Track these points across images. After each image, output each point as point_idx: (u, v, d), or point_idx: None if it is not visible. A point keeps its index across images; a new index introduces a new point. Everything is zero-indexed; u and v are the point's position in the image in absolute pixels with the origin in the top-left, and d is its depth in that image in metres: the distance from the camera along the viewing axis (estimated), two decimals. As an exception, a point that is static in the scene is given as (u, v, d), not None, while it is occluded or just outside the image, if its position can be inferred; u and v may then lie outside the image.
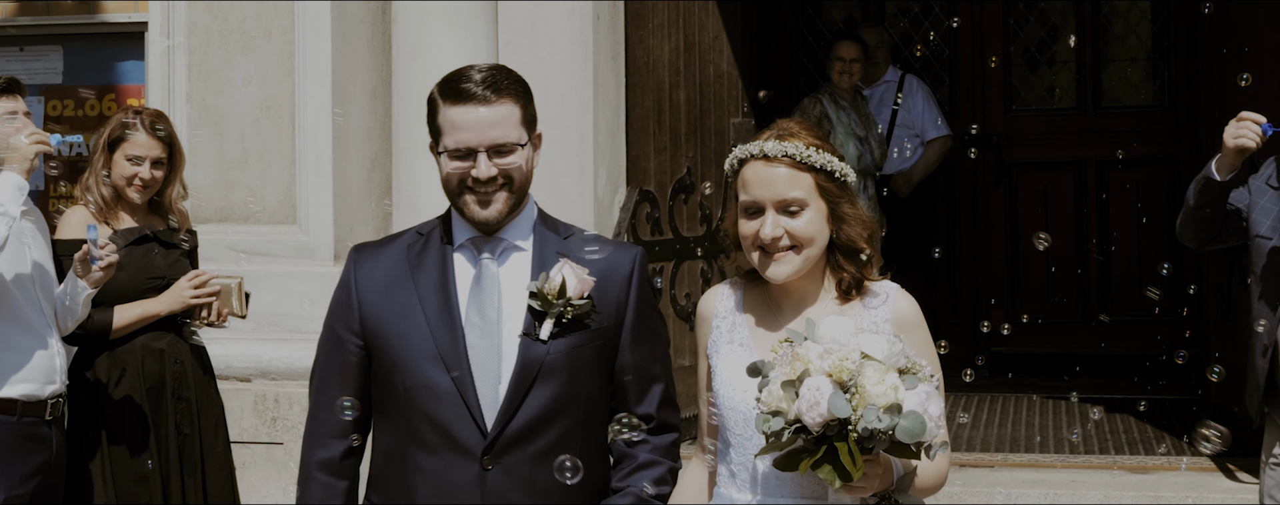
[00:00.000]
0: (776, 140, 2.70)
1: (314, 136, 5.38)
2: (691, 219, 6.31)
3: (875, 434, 2.44)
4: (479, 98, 2.74)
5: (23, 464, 4.06)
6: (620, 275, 2.83)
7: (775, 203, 2.67)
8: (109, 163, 4.44)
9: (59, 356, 4.17)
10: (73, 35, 5.60)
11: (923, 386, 2.47)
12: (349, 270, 2.88)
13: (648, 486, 2.82)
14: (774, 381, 2.50)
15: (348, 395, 2.86)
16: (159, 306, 4.43)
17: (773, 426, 2.47)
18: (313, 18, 5.36)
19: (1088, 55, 8.17)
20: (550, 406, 2.77)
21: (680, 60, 6.28)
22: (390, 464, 2.85)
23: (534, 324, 2.77)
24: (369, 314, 2.83)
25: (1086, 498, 5.43)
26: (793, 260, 2.68)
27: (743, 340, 2.76)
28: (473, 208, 2.78)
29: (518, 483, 2.75)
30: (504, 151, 2.75)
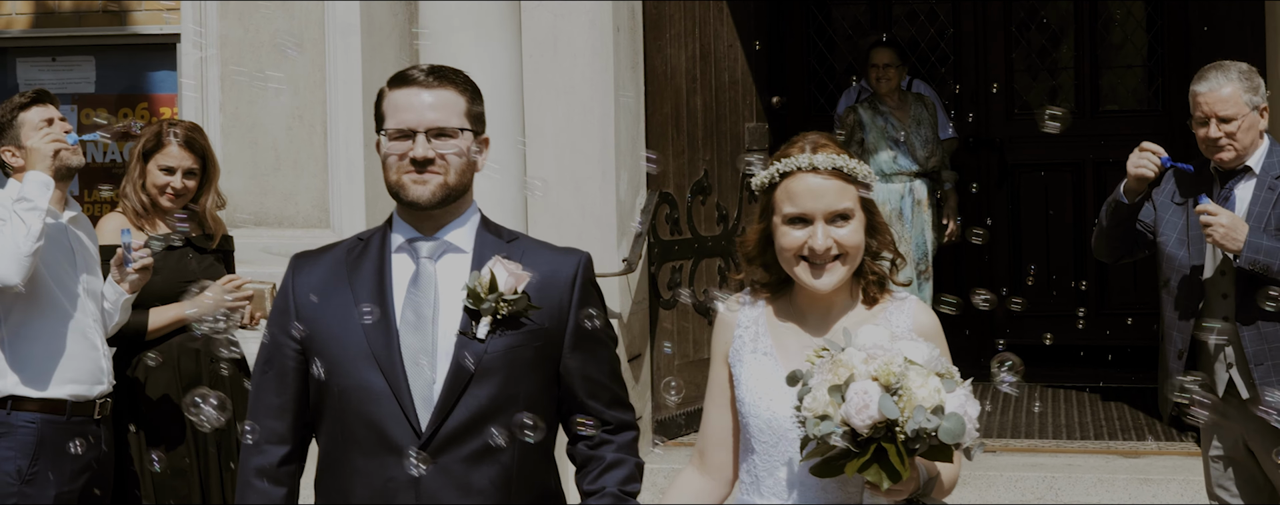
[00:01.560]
0: (821, 153, 2.72)
1: (345, 143, 5.48)
2: (708, 219, 6.47)
3: (921, 434, 2.48)
4: (421, 82, 2.76)
5: (72, 461, 4.16)
6: (563, 278, 2.80)
7: (825, 214, 2.70)
8: (144, 172, 4.55)
9: (105, 358, 4.28)
10: (104, 46, 5.70)
11: (961, 389, 2.52)
12: (287, 278, 2.85)
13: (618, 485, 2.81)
14: (817, 388, 2.53)
15: (288, 401, 2.82)
16: (193, 310, 4.50)
17: (824, 429, 2.49)
18: (343, 29, 5.47)
19: (1086, 62, 8.36)
20: (487, 406, 2.72)
21: (696, 68, 6.43)
22: (329, 467, 2.82)
23: (470, 323, 2.74)
24: (305, 317, 2.79)
25: (1081, 481, 5.64)
26: (839, 271, 2.71)
27: (767, 350, 2.77)
28: (408, 186, 2.73)
29: (452, 483, 2.72)
30: (443, 135, 2.74)
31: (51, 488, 4.12)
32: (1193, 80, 4.29)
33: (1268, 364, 4.12)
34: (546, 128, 5.77)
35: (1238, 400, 4.21)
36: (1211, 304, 4.23)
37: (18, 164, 4.23)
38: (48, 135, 4.15)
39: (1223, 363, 4.22)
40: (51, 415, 4.14)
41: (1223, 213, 4.09)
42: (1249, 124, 4.18)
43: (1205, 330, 4.20)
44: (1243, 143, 4.19)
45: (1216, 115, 4.17)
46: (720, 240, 6.53)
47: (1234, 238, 4.06)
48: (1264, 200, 4.18)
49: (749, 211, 6.79)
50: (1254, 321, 4.12)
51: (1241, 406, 4.20)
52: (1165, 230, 4.30)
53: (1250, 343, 4.14)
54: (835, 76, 8.45)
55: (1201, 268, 4.23)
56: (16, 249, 3.98)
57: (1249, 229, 4.09)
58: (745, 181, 6.81)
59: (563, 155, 5.73)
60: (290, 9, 5.52)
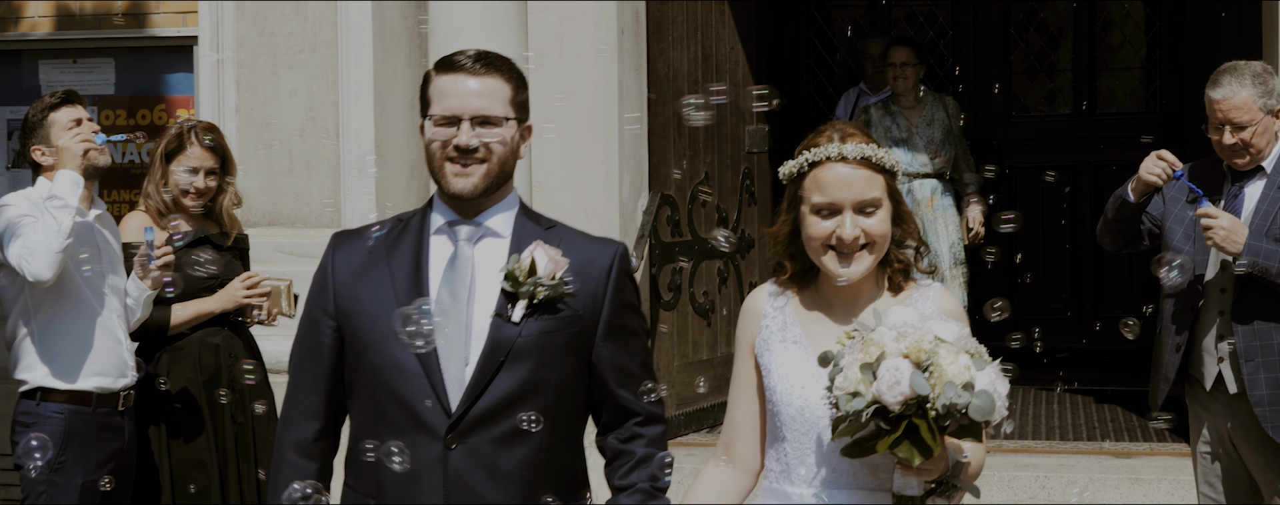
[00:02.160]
0: (849, 142, 2.71)
1: (357, 145, 5.58)
2: (708, 221, 6.54)
3: (952, 410, 2.47)
4: (468, 68, 2.73)
5: (98, 451, 4.32)
6: (599, 267, 2.79)
7: (854, 203, 2.69)
8: (166, 172, 4.66)
9: (129, 351, 4.43)
10: (123, 49, 5.82)
11: (990, 368, 2.53)
12: (327, 255, 2.85)
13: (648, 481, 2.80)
14: (849, 367, 2.53)
15: (322, 377, 2.82)
16: (214, 305, 4.65)
17: (855, 406, 2.50)
18: (355, 33, 5.56)
19: (1084, 64, 8.46)
20: (518, 389, 2.72)
21: (698, 71, 6.49)
22: (360, 445, 2.81)
23: (506, 305, 2.73)
24: (342, 295, 2.79)
25: (1074, 481, 5.69)
26: (866, 259, 2.71)
27: (795, 338, 2.77)
28: (450, 178, 2.74)
29: (480, 464, 2.71)
30: (488, 123, 2.73)
31: (78, 476, 4.27)
32: (1208, 84, 4.28)
33: (1257, 360, 4.20)
34: (552, 128, 5.86)
35: (1225, 395, 4.30)
36: (1210, 299, 4.30)
37: (47, 162, 4.37)
38: (78, 135, 4.28)
39: (1213, 356, 4.30)
40: (78, 406, 4.29)
41: (1223, 216, 4.13)
42: (1264, 128, 4.19)
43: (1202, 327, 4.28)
44: (1258, 146, 4.21)
45: (1231, 122, 4.17)
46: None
47: (1234, 240, 4.11)
48: (1272, 199, 4.22)
49: (749, 214, 6.89)
50: (1250, 319, 4.19)
51: (1228, 401, 4.30)
52: (1172, 224, 4.34)
53: (1243, 338, 4.20)
54: (834, 79, 8.55)
55: (1204, 263, 4.29)
56: (48, 245, 4.13)
57: (1249, 232, 4.14)
58: (745, 184, 6.91)
59: (567, 155, 5.80)
60: (304, 11, 5.62)
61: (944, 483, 2.63)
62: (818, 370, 2.65)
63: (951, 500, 2.63)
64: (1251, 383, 4.20)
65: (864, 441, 2.55)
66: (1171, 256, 4.21)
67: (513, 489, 2.71)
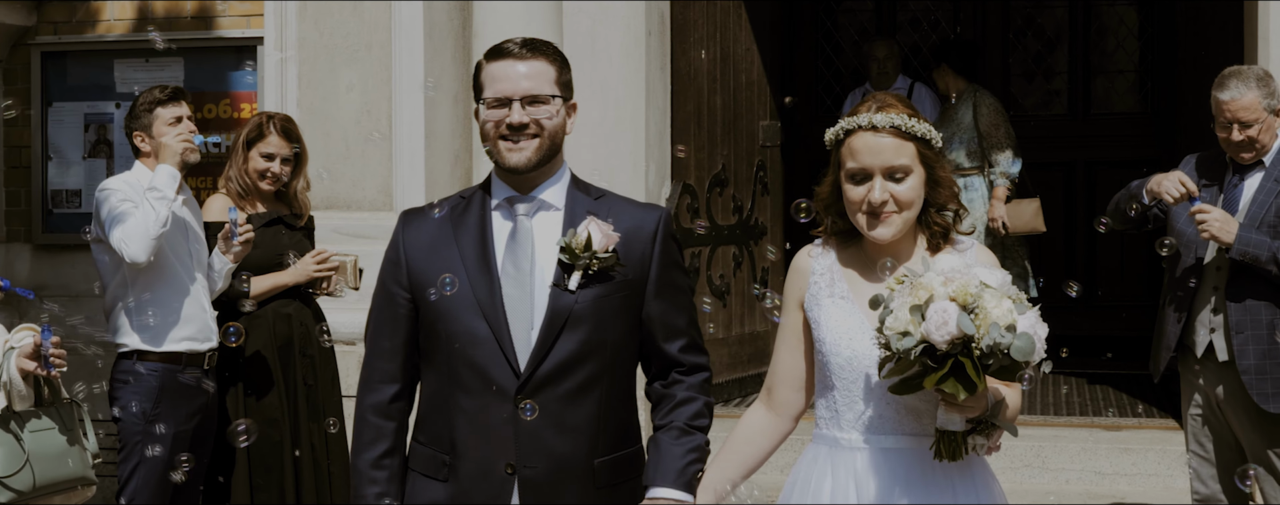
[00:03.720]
0: (882, 112, 2.79)
1: (409, 135, 5.85)
2: (725, 210, 6.88)
3: (995, 350, 2.55)
4: (516, 54, 2.87)
5: (187, 405, 4.72)
6: (646, 233, 2.92)
7: (883, 169, 2.77)
8: (246, 158, 5.04)
9: (211, 318, 4.83)
10: (192, 49, 6.15)
11: (1031, 312, 2.61)
12: (398, 232, 2.97)
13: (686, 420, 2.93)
14: (899, 309, 2.62)
15: (398, 345, 2.94)
16: (288, 278, 5.02)
17: (905, 344, 2.59)
18: (407, 33, 5.84)
19: (1079, 67, 8.79)
20: (578, 350, 2.85)
21: (717, 70, 6.83)
22: (434, 406, 2.93)
23: (563, 276, 2.85)
24: (415, 270, 2.91)
25: (1066, 450, 6.06)
26: (896, 222, 2.79)
27: (843, 294, 2.85)
28: (504, 153, 2.87)
29: (548, 420, 2.85)
30: (536, 102, 2.85)
31: (171, 427, 4.66)
32: (1214, 87, 4.58)
33: (1247, 333, 4.54)
34: (584, 121, 6.13)
35: (1215, 363, 4.65)
36: (1206, 279, 4.64)
37: (146, 148, 4.76)
38: (179, 134, 4.67)
39: (1206, 328, 4.64)
40: (170, 365, 4.68)
41: (1214, 210, 4.47)
42: (1267, 126, 4.52)
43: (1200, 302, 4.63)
44: (1263, 142, 4.53)
45: (1239, 120, 4.48)
46: (735, 229, 6.94)
47: (1227, 231, 4.44)
48: (1268, 191, 4.54)
49: (762, 204, 7.22)
50: (1242, 297, 4.54)
51: (1218, 369, 4.65)
52: (1178, 211, 4.65)
53: (1234, 313, 4.54)
54: (842, 79, 8.87)
55: (1204, 245, 4.62)
56: (146, 232, 4.52)
57: (1240, 224, 4.46)
58: (759, 175, 7.20)
59: (598, 147, 6.08)
60: (361, 14, 5.91)
61: (984, 422, 2.72)
62: (863, 323, 2.76)
63: (990, 439, 2.74)
64: (1241, 353, 4.54)
65: (911, 380, 2.63)
66: (1168, 239, 4.61)
67: (579, 440, 2.86)
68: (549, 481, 2.86)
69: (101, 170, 6.32)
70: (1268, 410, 4.55)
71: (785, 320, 2.96)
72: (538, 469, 2.85)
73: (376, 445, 2.92)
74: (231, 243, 4.75)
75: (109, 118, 6.35)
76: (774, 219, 7.41)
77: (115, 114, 6.34)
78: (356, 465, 2.93)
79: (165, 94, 4.78)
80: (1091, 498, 5.78)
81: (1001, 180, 7.08)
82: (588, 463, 2.88)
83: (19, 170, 6.28)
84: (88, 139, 6.37)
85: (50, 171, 6.37)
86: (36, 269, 6.31)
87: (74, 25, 6.26)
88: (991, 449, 2.78)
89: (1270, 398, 4.54)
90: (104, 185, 4.74)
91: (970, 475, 2.81)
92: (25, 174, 6.33)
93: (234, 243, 4.75)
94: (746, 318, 7.07)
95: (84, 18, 6.25)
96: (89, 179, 6.36)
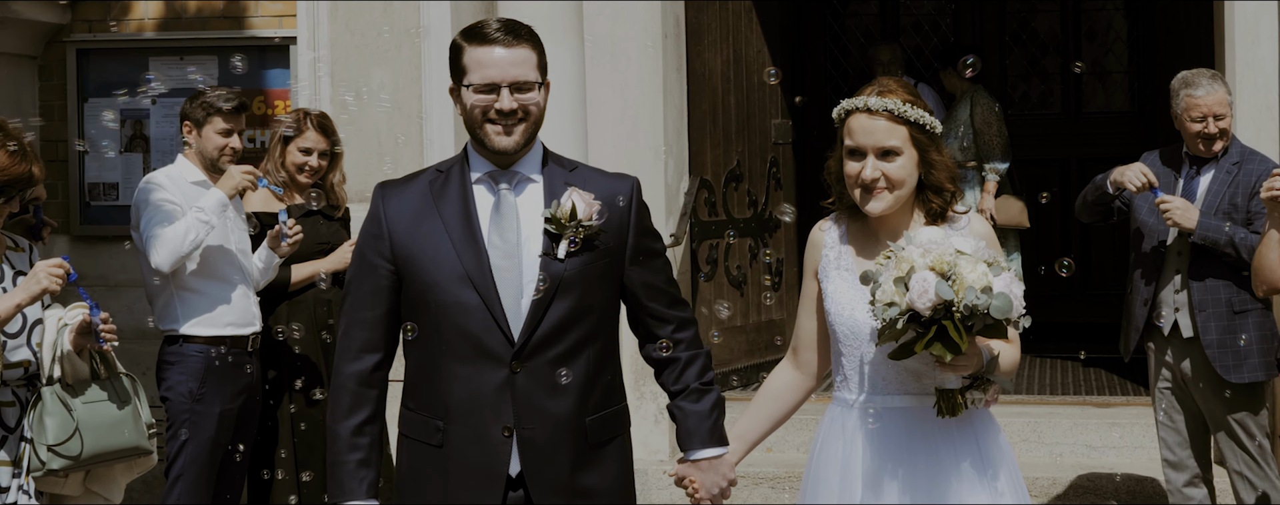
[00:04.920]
0: (878, 96, 2.93)
1: (438, 131, 5.99)
2: (740, 204, 7.08)
3: (974, 311, 2.71)
4: (501, 40, 2.91)
5: (233, 384, 4.90)
6: (621, 201, 3.01)
7: (875, 149, 2.92)
8: (284, 153, 5.21)
9: (255, 305, 5.01)
10: (226, 47, 6.27)
11: (1006, 274, 2.78)
12: (377, 204, 2.99)
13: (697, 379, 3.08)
14: (885, 282, 2.79)
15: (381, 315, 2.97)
16: (326, 266, 5.20)
17: (891, 314, 2.76)
18: (435, 34, 5.96)
19: (1072, 68, 8.88)
20: (568, 315, 2.94)
21: (730, 71, 7.02)
22: (424, 373, 2.98)
23: (551, 245, 2.93)
24: (400, 242, 2.94)
25: (1059, 425, 6.39)
26: (886, 198, 2.94)
27: (848, 266, 3.02)
28: (494, 137, 2.91)
29: (542, 383, 2.93)
30: (523, 88, 2.91)
31: (217, 406, 4.84)
32: (1184, 85, 4.93)
33: (1209, 311, 4.93)
34: (605, 120, 6.28)
35: (1180, 340, 5.02)
36: (1170, 262, 5.02)
37: (191, 141, 4.92)
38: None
39: (1171, 307, 5.02)
40: (215, 348, 4.85)
41: (1176, 199, 4.86)
42: (1230, 120, 4.95)
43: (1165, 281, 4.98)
44: (1230, 135, 4.93)
45: (1213, 114, 4.86)
46: (750, 222, 7.15)
47: (1189, 218, 4.83)
48: (1222, 181, 4.94)
49: (775, 198, 7.41)
50: (1203, 277, 4.93)
51: (1183, 345, 5.02)
52: (1140, 202, 5.04)
53: (1197, 292, 4.93)
54: (849, 79, 9.08)
55: (1166, 232, 5.01)
56: (178, 247, 4.67)
57: (1200, 211, 4.86)
58: (772, 171, 7.39)
59: (619, 144, 6.27)
60: (391, 15, 6.06)
61: (979, 378, 2.90)
62: (864, 296, 2.90)
63: (987, 393, 2.92)
64: (1204, 329, 4.92)
65: (905, 346, 2.81)
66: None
67: (571, 400, 2.96)
68: (546, 440, 2.95)
69: (138, 163, 6.47)
70: (1229, 380, 4.91)
71: (805, 288, 3.15)
72: (534, 429, 2.94)
73: (357, 412, 2.97)
74: (281, 243, 4.93)
75: (145, 113, 6.49)
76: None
77: (151, 110, 6.49)
78: (337, 431, 2.98)
79: (229, 105, 4.91)
80: (1082, 469, 6.09)
81: (991, 175, 7.30)
82: (580, 421, 2.97)
83: (56, 164, 6.44)
84: (124, 133, 6.51)
85: (87, 165, 6.51)
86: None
87: (107, 23, 6.39)
88: (989, 402, 2.94)
89: (1231, 369, 4.91)
90: (149, 179, 4.90)
91: (971, 429, 2.96)
92: (62, 167, 6.48)
93: (283, 244, 4.93)
94: (763, 307, 7.29)
95: (118, 15, 6.36)
96: (126, 172, 6.50)
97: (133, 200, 4.90)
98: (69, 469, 4.00)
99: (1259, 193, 4.75)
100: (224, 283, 4.93)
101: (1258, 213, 4.83)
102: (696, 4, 6.73)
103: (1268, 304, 4.98)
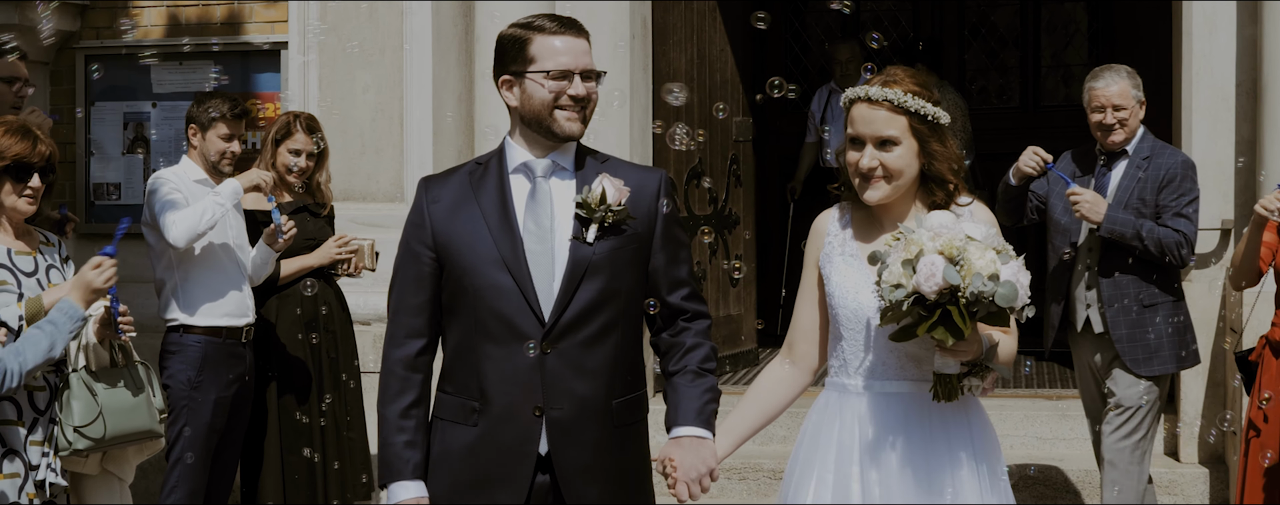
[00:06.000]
0: (881, 86, 2.91)
1: (418, 133, 6.24)
2: (701, 200, 7.31)
3: (980, 297, 2.68)
4: (575, 30, 3.00)
5: (228, 373, 5.19)
6: (650, 191, 3.05)
7: (873, 138, 2.90)
8: (274, 154, 5.48)
9: (249, 297, 5.30)
10: (221, 53, 6.54)
11: (1013, 262, 2.75)
12: (420, 196, 3.06)
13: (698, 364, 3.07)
14: (893, 263, 2.76)
15: (424, 301, 3.02)
16: (313, 260, 5.45)
17: (897, 295, 2.73)
18: (418, 39, 6.22)
19: (1030, 63, 9.26)
20: (596, 299, 2.98)
21: (694, 69, 7.24)
22: (460, 355, 3.03)
23: (581, 229, 2.97)
24: (439, 230, 3.00)
25: (1011, 417, 6.57)
26: (883, 187, 2.91)
27: (853, 252, 2.99)
28: (564, 123, 2.97)
29: (570, 364, 2.98)
30: (590, 76, 3.00)
31: (213, 393, 5.13)
32: (1090, 77, 5.02)
33: (1117, 306, 5.02)
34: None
35: (1092, 334, 5.13)
36: (1080, 258, 5.12)
37: (195, 142, 5.20)
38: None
39: (1083, 304, 5.13)
40: (211, 338, 5.15)
41: (1086, 192, 4.92)
42: (1132, 113, 4.99)
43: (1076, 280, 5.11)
44: (1130, 128, 5.00)
45: (1111, 105, 4.94)
46: (711, 218, 7.37)
47: (1096, 211, 4.90)
48: (1132, 177, 5.03)
49: (736, 194, 7.60)
50: (1112, 273, 5.04)
51: (1094, 340, 5.14)
52: (1054, 202, 5.14)
53: (1106, 288, 5.03)
54: (809, 76, 9.32)
55: (1078, 231, 5.11)
56: (194, 226, 4.96)
57: (1109, 205, 4.90)
58: (733, 168, 7.58)
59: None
60: (376, 22, 6.30)
61: (978, 365, 2.87)
62: (868, 278, 2.88)
63: (985, 380, 2.90)
64: (1114, 324, 5.01)
65: (908, 328, 2.77)
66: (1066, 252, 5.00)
67: (598, 382, 3.00)
68: (573, 421, 2.99)
69: (139, 164, 6.75)
70: (1139, 374, 5.04)
71: (804, 278, 3.12)
72: (563, 410, 2.99)
73: (403, 396, 3.03)
74: (277, 240, 5.22)
75: (146, 116, 6.76)
76: (746, 209, 7.80)
77: (152, 113, 6.76)
78: (385, 415, 3.04)
79: (232, 111, 5.20)
80: (1032, 460, 6.23)
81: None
82: (607, 403, 3.02)
83: (64, 165, 6.68)
84: (126, 136, 6.78)
85: (92, 166, 6.81)
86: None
87: (114, 30, 6.67)
88: (986, 390, 2.93)
89: (1141, 363, 5.03)
90: (158, 175, 5.19)
91: (966, 417, 2.96)
92: (70, 169, 6.74)
93: (279, 242, 5.22)
94: (722, 302, 7.50)
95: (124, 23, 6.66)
96: (128, 173, 6.79)
97: (145, 193, 5.15)
98: (91, 450, 4.27)
99: (1166, 185, 4.99)
100: (222, 276, 5.20)
101: (1166, 206, 4.98)
102: (663, 4, 6.89)
103: (1177, 297, 5.09)
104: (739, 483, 6.39)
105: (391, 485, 3.04)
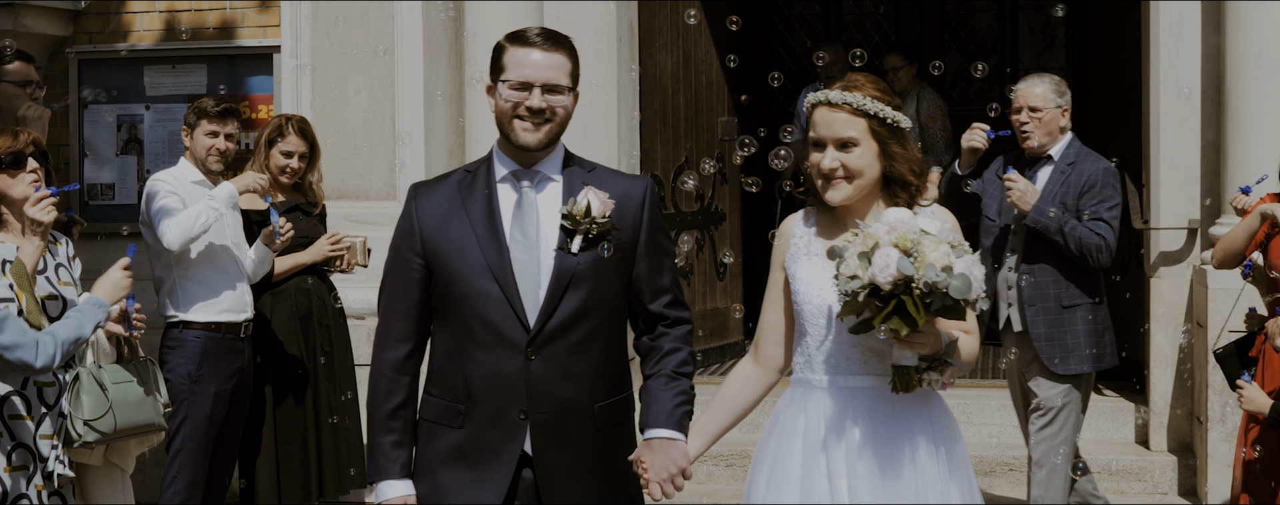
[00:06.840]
0: (841, 90, 2.98)
1: (409, 134, 6.33)
2: (687, 198, 7.41)
3: (934, 288, 2.72)
4: (541, 44, 3.04)
5: (227, 367, 5.28)
6: (635, 200, 3.11)
7: (834, 140, 2.96)
8: (267, 155, 5.57)
9: (247, 294, 5.40)
10: (214, 56, 6.62)
11: (968, 257, 2.80)
12: (410, 203, 3.11)
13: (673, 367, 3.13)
14: (850, 256, 2.81)
15: (412, 306, 3.07)
16: (307, 257, 5.55)
17: (853, 286, 2.78)
18: (409, 43, 6.33)
19: (1007, 67, 9.40)
20: (581, 307, 3.03)
21: (680, 72, 7.34)
22: (448, 360, 3.08)
23: (566, 240, 3.02)
24: (428, 237, 3.05)
25: (986, 407, 6.74)
26: (844, 188, 2.98)
27: (817, 251, 3.06)
28: (520, 133, 3.01)
29: (555, 369, 3.03)
30: (554, 91, 3.03)
31: (212, 386, 5.22)
32: (1018, 84, 5.17)
33: (1037, 305, 5.10)
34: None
35: (1013, 334, 5.21)
36: (1003, 262, 5.19)
37: (187, 144, 5.30)
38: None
39: (1005, 303, 5.21)
40: (211, 333, 5.24)
41: (1021, 180, 5.05)
42: (1051, 117, 5.09)
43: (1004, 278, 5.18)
44: (1045, 130, 5.11)
45: (1028, 106, 5.10)
46: (697, 215, 7.49)
47: (1027, 200, 5.01)
48: (1056, 181, 5.12)
49: (722, 193, 7.74)
50: (1034, 274, 5.09)
51: (1016, 338, 5.22)
52: (988, 201, 5.28)
53: (1027, 288, 5.12)
54: (794, 78, 9.44)
55: (1008, 228, 5.21)
56: (188, 229, 5.04)
57: (1039, 198, 5.03)
58: (719, 167, 7.79)
59: (574, 142, 6.14)
60: (368, 25, 6.40)
61: (937, 359, 2.93)
62: (831, 277, 2.93)
63: (944, 374, 2.95)
64: (1033, 323, 5.09)
65: (866, 321, 2.83)
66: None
67: (582, 386, 3.06)
68: (556, 424, 3.06)
69: (133, 165, 6.82)
70: (1058, 372, 5.11)
71: (771, 281, 3.18)
72: (547, 413, 3.05)
73: (392, 397, 3.10)
74: (275, 241, 5.33)
75: (139, 118, 6.83)
76: (732, 206, 7.92)
77: (145, 115, 6.84)
78: (374, 416, 3.12)
79: (216, 109, 5.29)
80: (1011, 448, 6.41)
81: (935, 167, 7.60)
82: (589, 407, 3.09)
83: (58, 167, 6.86)
84: (120, 138, 6.86)
85: (86, 167, 6.88)
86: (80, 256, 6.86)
87: (107, 35, 6.75)
88: (945, 384, 2.98)
89: (1059, 362, 5.10)
90: (156, 177, 5.28)
91: (927, 411, 3.02)
92: (64, 171, 6.81)
93: (277, 242, 5.33)
94: (708, 296, 7.62)
95: (116, 28, 6.74)
96: (122, 174, 6.86)
97: (144, 194, 5.23)
98: (99, 442, 4.35)
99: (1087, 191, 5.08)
100: (221, 273, 5.29)
101: (1086, 211, 5.08)
102: (649, 7, 7.00)
103: (1098, 300, 5.16)
104: (726, 469, 6.50)
105: (379, 483, 3.12)
